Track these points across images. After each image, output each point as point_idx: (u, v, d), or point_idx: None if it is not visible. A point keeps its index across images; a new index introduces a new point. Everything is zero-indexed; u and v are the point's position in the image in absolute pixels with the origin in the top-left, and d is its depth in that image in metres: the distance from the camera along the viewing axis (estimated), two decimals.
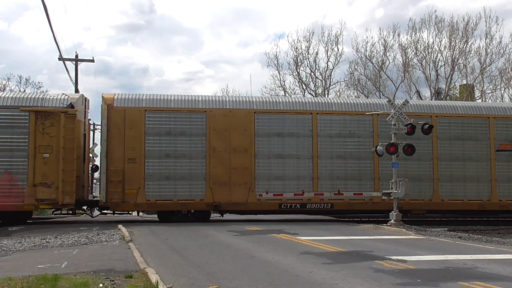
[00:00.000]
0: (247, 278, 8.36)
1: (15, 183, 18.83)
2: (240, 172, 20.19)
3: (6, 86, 42.97)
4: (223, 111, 20.38)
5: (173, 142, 19.98)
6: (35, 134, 18.98)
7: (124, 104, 20.02)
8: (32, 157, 18.91)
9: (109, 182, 19.52)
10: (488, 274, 8.89)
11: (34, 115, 19.02)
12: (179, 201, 19.80)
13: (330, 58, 42.65)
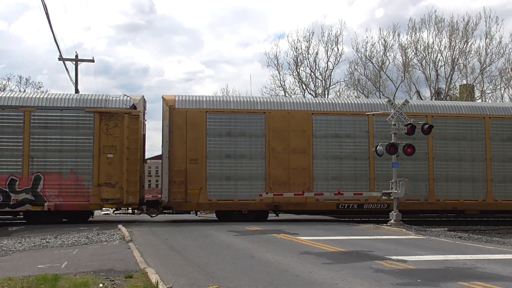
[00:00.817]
0: (247, 278, 8.37)
1: (81, 183, 19.27)
2: (298, 173, 20.55)
3: (6, 86, 43.02)
4: (281, 112, 20.73)
5: (233, 142, 20.34)
6: (100, 134, 19.38)
7: (186, 105, 20.41)
8: (96, 157, 19.35)
9: (172, 182, 19.92)
10: (488, 274, 8.89)
11: (99, 116, 19.45)
12: (239, 201, 20.12)
13: (330, 58, 42.71)
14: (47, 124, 19.28)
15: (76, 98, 20.03)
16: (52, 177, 19.08)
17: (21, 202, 18.95)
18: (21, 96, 19.84)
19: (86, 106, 19.56)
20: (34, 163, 19.03)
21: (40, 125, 19.25)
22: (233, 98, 21.55)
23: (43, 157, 19.10)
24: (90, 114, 19.40)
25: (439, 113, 21.60)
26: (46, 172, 19.09)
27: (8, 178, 18.95)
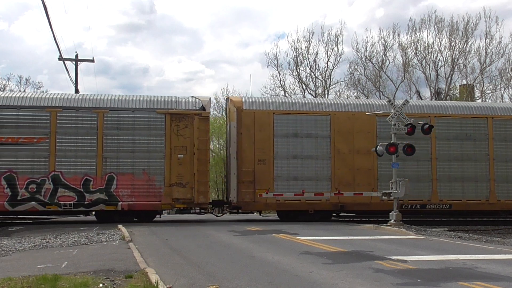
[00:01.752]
0: (247, 278, 8.36)
1: (153, 183, 19.51)
2: (363, 173, 20.77)
3: (6, 86, 42.99)
4: (346, 114, 20.92)
5: (300, 143, 20.50)
6: (171, 135, 19.60)
7: (253, 107, 20.65)
8: (168, 158, 19.57)
9: (241, 182, 20.18)
10: (488, 274, 8.89)
11: (170, 117, 19.69)
12: (306, 201, 20.24)
13: (330, 58, 42.68)
14: (119, 125, 19.59)
15: (148, 99, 20.32)
16: (125, 177, 19.41)
17: (95, 202, 19.22)
18: (94, 97, 20.06)
19: (158, 107, 19.85)
20: (108, 163, 19.35)
21: (113, 126, 19.52)
22: (299, 100, 22.09)
23: (116, 158, 19.40)
24: (162, 115, 19.72)
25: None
26: (119, 173, 19.40)
27: (83, 178, 19.21)
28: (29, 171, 18.87)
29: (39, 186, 18.86)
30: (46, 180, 18.93)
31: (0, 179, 18.70)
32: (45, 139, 19.01)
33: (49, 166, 18.97)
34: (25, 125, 19.02)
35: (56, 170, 19.00)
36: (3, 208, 18.71)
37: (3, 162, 18.78)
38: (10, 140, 18.86)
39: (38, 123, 19.08)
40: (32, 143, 18.95)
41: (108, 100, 19.82)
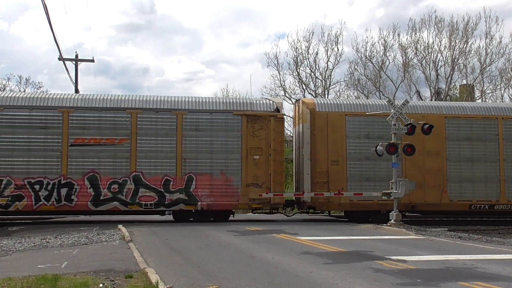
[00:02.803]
0: (247, 278, 8.37)
1: (230, 184, 19.84)
2: (433, 174, 20.97)
3: (6, 86, 42.97)
4: (416, 115, 20.93)
5: (372, 145, 20.42)
6: (247, 136, 19.93)
7: (326, 109, 20.88)
8: (244, 159, 19.95)
9: (315, 183, 20.33)
10: (488, 274, 8.90)
11: (246, 118, 20.01)
12: (378, 202, 20.38)
13: (330, 58, 42.58)
14: (198, 126, 19.87)
15: (225, 101, 20.82)
16: (204, 177, 19.70)
17: (175, 201, 19.52)
18: (173, 100, 20.36)
19: (234, 109, 20.19)
20: (187, 164, 19.65)
21: (191, 128, 19.79)
22: (371, 102, 22.41)
23: (194, 158, 19.68)
24: (238, 116, 20.01)
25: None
26: (198, 173, 19.67)
27: (163, 178, 19.50)
28: (111, 172, 19.26)
29: (121, 186, 19.27)
30: (127, 180, 19.31)
31: (83, 179, 19.06)
32: (126, 140, 19.43)
33: (130, 166, 19.37)
34: (107, 126, 19.40)
35: (137, 170, 19.40)
36: (86, 208, 19.13)
37: (86, 162, 19.15)
38: (93, 141, 19.25)
39: (119, 125, 19.48)
40: (113, 144, 19.34)
41: (186, 102, 20.20)
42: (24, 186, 18.73)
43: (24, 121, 19.00)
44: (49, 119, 19.11)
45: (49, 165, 18.95)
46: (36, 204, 18.77)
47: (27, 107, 19.06)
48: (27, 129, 18.95)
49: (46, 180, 18.87)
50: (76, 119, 19.24)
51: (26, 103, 19.15)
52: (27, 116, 19.02)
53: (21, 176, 18.75)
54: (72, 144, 19.08)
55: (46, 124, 19.08)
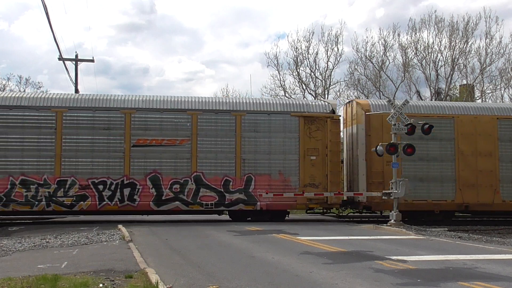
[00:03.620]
0: (247, 278, 8.37)
1: (288, 184, 20.06)
2: (485, 175, 21.23)
3: (6, 86, 42.96)
4: (468, 117, 21.41)
5: (425, 145, 20.86)
6: (304, 137, 20.20)
7: (380, 110, 21.15)
8: (302, 159, 20.20)
9: (371, 183, 20.61)
10: (488, 274, 8.90)
11: (303, 120, 20.26)
12: (432, 202, 20.74)
13: (330, 58, 42.56)
14: (256, 127, 20.14)
15: (282, 102, 21.28)
16: (262, 178, 19.98)
17: (235, 201, 19.81)
18: (232, 101, 20.97)
19: (292, 110, 20.48)
20: (246, 164, 19.95)
21: (250, 129, 20.07)
22: (424, 103, 22.88)
23: (253, 159, 19.98)
24: (296, 118, 20.26)
25: None
26: (256, 173, 19.95)
27: (223, 179, 19.80)
28: (173, 172, 19.53)
29: (182, 186, 19.52)
30: (189, 180, 19.58)
31: (146, 179, 19.33)
32: (187, 140, 19.69)
33: (191, 167, 19.64)
34: (168, 127, 19.67)
35: (197, 171, 19.68)
36: (148, 208, 19.40)
37: (148, 163, 19.44)
38: (155, 142, 19.53)
39: (180, 126, 19.74)
40: (174, 144, 19.62)
41: (245, 103, 20.58)
42: (88, 186, 19.09)
43: (87, 122, 19.29)
44: (112, 120, 19.44)
45: (112, 165, 19.30)
46: (100, 204, 19.11)
47: (91, 108, 19.36)
48: (91, 130, 19.26)
49: (110, 180, 19.21)
50: (138, 120, 19.56)
51: (90, 105, 19.44)
52: (91, 117, 19.30)
53: (85, 176, 19.08)
54: (134, 144, 19.44)
55: (109, 125, 19.39)
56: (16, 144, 18.83)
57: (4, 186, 18.58)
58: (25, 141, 18.87)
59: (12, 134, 18.81)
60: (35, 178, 18.78)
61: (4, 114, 18.88)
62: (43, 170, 18.84)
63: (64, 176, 18.92)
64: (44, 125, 19.01)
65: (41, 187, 18.75)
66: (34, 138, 18.92)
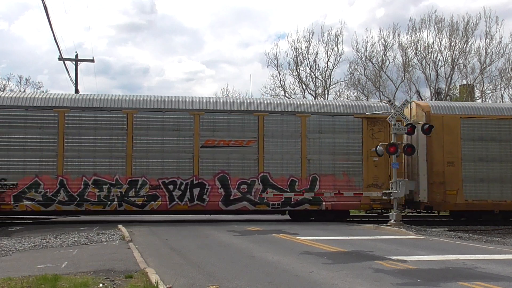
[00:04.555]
0: (247, 278, 8.37)
1: (352, 184, 20.39)
2: None
3: (6, 86, 42.95)
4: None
5: (485, 146, 21.08)
6: (367, 138, 20.49)
7: (441, 111, 21.35)
8: (365, 160, 20.52)
9: (432, 183, 20.75)
10: (488, 274, 8.90)
11: (366, 121, 20.53)
12: (492, 202, 20.91)
13: (330, 58, 42.53)
14: (320, 128, 20.43)
15: (345, 104, 21.45)
16: (327, 178, 20.28)
17: (301, 201, 20.07)
18: (297, 102, 21.36)
19: (354, 112, 20.75)
20: (311, 165, 20.19)
21: (314, 130, 20.31)
22: (483, 105, 23.11)
23: (318, 160, 20.23)
24: (359, 119, 20.53)
25: None
26: (321, 174, 20.22)
27: (289, 179, 20.07)
28: (240, 172, 19.85)
29: (250, 187, 19.83)
30: (255, 180, 19.89)
31: (214, 179, 19.66)
32: (254, 141, 20.03)
33: (258, 167, 19.97)
34: (235, 128, 20.01)
35: (264, 171, 20.00)
36: (217, 208, 19.76)
37: (216, 163, 19.76)
38: (222, 143, 19.86)
39: (247, 127, 20.08)
40: (242, 145, 19.95)
41: (310, 105, 20.95)
42: (159, 186, 19.39)
43: (157, 124, 19.64)
44: (181, 122, 19.77)
45: (182, 166, 19.60)
46: (170, 204, 19.43)
47: (160, 109, 19.70)
48: (161, 131, 19.59)
49: (180, 181, 19.51)
50: (206, 121, 19.86)
51: (159, 106, 19.76)
52: (160, 118, 19.63)
53: (156, 176, 19.39)
54: (203, 145, 19.73)
55: (178, 126, 19.70)
56: (89, 145, 19.19)
57: (78, 186, 18.97)
58: (97, 142, 19.24)
59: (85, 135, 19.18)
60: (107, 178, 19.16)
61: (77, 116, 19.22)
62: (115, 171, 19.22)
63: (135, 176, 19.30)
64: (115, 126, 19.39)
65: (113, 187, 19.14)
66: (106, 139, 19.29)
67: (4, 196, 18.50)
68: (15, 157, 18.70)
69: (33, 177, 18.72)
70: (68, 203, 18.82)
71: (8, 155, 18.70)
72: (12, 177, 18.61)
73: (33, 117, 18.97)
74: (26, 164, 18.72)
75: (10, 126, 18.82)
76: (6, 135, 18.72)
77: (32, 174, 18.72)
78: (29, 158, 18.77)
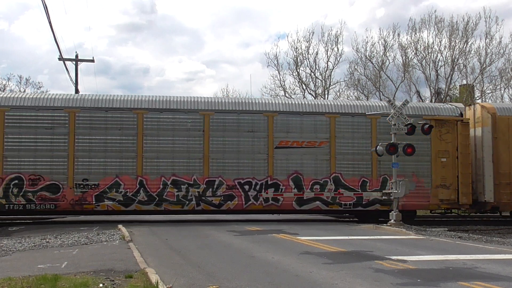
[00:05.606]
0: (247, 278, 8.37)
1: (422, 185, 20.71)
2: None
3: (6, 86, 42.96)
4: None
5: None
6: (435, 140, 20.84)
7: (507, 113, 21.53)
8: (434, 161, 20.87)
9: (498, 184, 20.97)
10: (488, 274, 8.90)
11: (434, 123, 20.52)
12: None
13: (330, 58, 42.57)
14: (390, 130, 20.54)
15: (415, 106, 21.85)
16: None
17: (372, 202, 20.40)
18: (367, 104, 21.65)
19: (423, 114, 21.11)
20: (381, 166, 20.54)
21: (384, 131, 20.14)
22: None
23: (388, 161, 20.26)
24: (428, 121, 20.60)
25: None
26: (391, 175, 19.91)
27: (360, 179, 20.44)
28: (313, 173, 20.09)
29: (322, 187, 20.12)
30: (328, 181, 20.19)
31: (288, 180, 19.98)
32: (326, 142, 20.32)
33: (330, 168, 20.27)
34: (308, 129, 20.29)
35: (336, 171, 20.30)
36: (291, 207, 20.06)
37: (290, 164, 20.08)
38: (296, 144, 20.16)
39: (319, 128, 20.35)
40: (314, 146, 20.24)
41: (379, 107, 21.26)
42: (235, 186, 19.76)
43: (233, 125, 19.99)
44: (256, 123, 20.13)
45: (257, 166, 19.96)
46: (246, 204, 19.76)
47: (235, 111, 20.12)
48: (236, 132, 19.97)
49: (254, 181, 19.87)
50: (280, 122, 20.22)
51: (234, 108, 20.25)
52: (236, 119, 20.03)
53: (232, 177, 19.76)
54: (277, 146, 20.04)
55: (253, 127, 20.06)
56: (167, 145, 19.52)
57: (157, 186, 19.33)
58: (175, 143, 19.58)
59: (163, 136, 19.54)
60: (186, 178, 19.51)
61: (156, 117, 19.55)
62: (192, 171, 19.57)
63: (212, 176, 19.67)
64: (192, 127, 19.73)
65: (191, 187, 19.50)
66: (183, 140, 19.63)
67: (86, 196, 18.94)
68: (96, 158, 19.14)
69: (114, 177, 19.16)
70: (148, 203, 19.25)
71: (90, 155, 19.12)
72: (94, 177, 19.04)
73: (113, 118, 19.38)
74: (106, 164, 19.15)
75: (91, 127, 19.22)
76: (88, 136, 19.13)
77: (113, 174, 19.15)
78: (109, 159, 19.19)
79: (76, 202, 18.88)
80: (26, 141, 18.81)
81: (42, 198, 18.68)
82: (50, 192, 18.75)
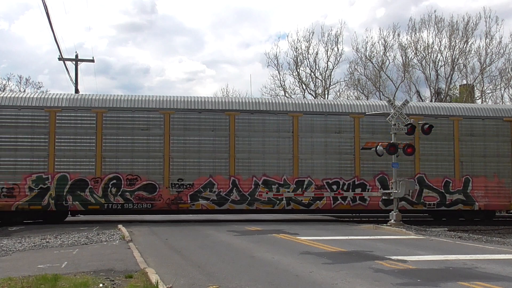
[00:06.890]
0: (247, 278, 8.36)
1: (503, 185, 21.32)
2: None
3: (6, 86, 42.97)
4: None
5: None
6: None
7: None
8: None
9: None
10: (488, 274, 8.90)
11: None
12: None
13: (330, 58, 42.64)
14: (472, 131, 21.51)
15: (495, 108, 22.18)
16: (479, 179, 21.26)
17: (455, 202, 21.02)
18: (448, 106, 22.07)
19: (504, 115, 21.64)
20: (463, 166, 21.17)
21: (466, 133, 21.06)
22: None
23: (470, 161, 21.25)
24: (508, 123, 21.38)
25: None
26: (473, 175, 21.19)
27: (443, 180, 21.02)
28: (398, 173, 19.69)
29: None
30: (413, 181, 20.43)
31: (374, 180, 20.69)
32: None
33: (415, 168, 20.97)
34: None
35: (420, 172, 20.99)
36: (377, 207, 20.62)
37: (376, 164, 20.59)
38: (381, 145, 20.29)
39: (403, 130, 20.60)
40: (399, 147, 20.21)
41: (462, 109, 21.63)
42: (323, 186, 20.38)
43: (321, 126, 20.61)
44: (342, 124, 20.72)
45: (344, 167, 20.58)
46: (334, 203, 20.38)
47: (323, 113, 20.72)
48: (324, 133, 20.60)
49: (342, 181, 20.51)
50: (366, 124, 20.79)
51: (322, 109, 20.78)
52: (323, 121, 20.61)
53: (320, 177, 20.39)
54: (363, 147, 20.52)
55: (340, 129, 20.72)
56: (258, 146, 20.25)
57: (249, 186, 19.99)
58: (265, 144, 20.30)
59: (254, 137, 20.25)
60: (276, 178, 20.15)
61: (247, 118, 20.23)
62: (282, 171, 20.19)
63: (302, 176, 20.27)
64: (282, 129, 20.39)
65: (281, 187, 20.07)
66: (273, 141, 20.31)
67: (181, 195, 19.43)
68: (190, 158, 19.78)
69: (207, 177, 19.69)
70: (240, 202, 19.84)
71: (185, 156, 19.76)
72: (189, 177, 19.67)
73: (207, 119, 19.90)
74: (200, 164, 19.79)
75: (185, 128, 19.71)
76: (182, 137, 19.77)
77: (206, 174, 19.77)
78: (203, 159, 19.84)
79: (172, 202, 19.44)
80: (123, 142, 19.39)
81: (139, 197, 19.27)
82: (147, 191, 19.38)
